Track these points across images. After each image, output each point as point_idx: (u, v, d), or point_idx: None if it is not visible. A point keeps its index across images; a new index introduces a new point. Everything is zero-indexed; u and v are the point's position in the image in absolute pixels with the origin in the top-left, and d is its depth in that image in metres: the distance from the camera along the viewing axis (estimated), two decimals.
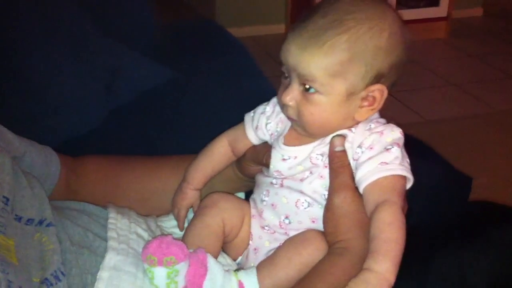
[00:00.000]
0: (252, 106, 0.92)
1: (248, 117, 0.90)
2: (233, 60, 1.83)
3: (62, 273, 0.71)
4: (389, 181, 0.72)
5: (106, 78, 1.48)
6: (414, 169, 0.75)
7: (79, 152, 1.05)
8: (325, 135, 0.78)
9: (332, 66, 0.73)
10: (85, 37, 1.52)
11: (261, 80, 1.74)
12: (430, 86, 3.25)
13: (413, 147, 0.78)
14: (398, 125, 0.78)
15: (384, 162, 0.73)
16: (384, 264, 0.65)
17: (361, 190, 0.74)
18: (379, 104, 0.77)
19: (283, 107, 0.79)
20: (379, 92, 0.76)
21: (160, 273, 0.70)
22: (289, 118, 0.80)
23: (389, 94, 0.78)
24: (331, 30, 0.73)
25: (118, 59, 1.54)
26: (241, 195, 0.97)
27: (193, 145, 0.98)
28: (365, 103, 0.76)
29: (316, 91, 0.75)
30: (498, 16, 4.34)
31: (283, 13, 3.94)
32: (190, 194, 0.91)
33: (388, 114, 0.81)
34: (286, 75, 0.77)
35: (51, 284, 0.69)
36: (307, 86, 0.75)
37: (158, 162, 1.02)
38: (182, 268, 0.71)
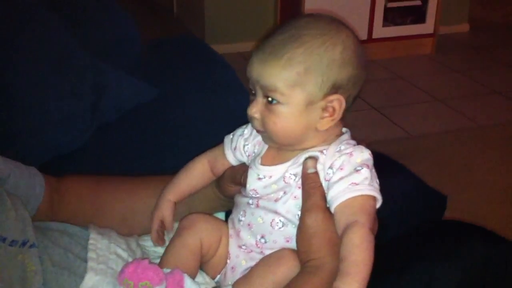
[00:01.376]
0: (236, 121, 0.95)
1: (227, 139, 0.94)
2: (217, 76, 1.86)
3: None
4: (359, 201, 0.76)
5: (91, 96, 1.50)
6: (385, 187, 0.78)
7: (65, 170, 1.06)
8: (292, 144, 0.83)
9: (290, 77, 0.78)
10: (70, 55, 1.54)
11: (245, 96, 1.77)
12: (416, 102, 3.28)
13: (385, 165, 0.81)
14: (384, 140, 0.81)
15: (354, 183, 0.76)
16: (353, 285, 0.68)
17: (332, 209, 0.77)
18: (338, 114, 0.81)
19: (250, 119, 0.83)
20: (338, 102, 0.80)
21: None
22: (257, 130, 0.84)
23: (375, 109, 0.81)
24: (289, 45, 0.78)
25: (103, 78, 1.56)
26: (221, 215, 1.00)
27: (177, 163, 1.00)
28: (326, 114, 0.80)
29: (278, 102, 0.79)
30: (484, 31, 4.40)
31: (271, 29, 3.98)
32: (162, 205, 0.94)
33: (374, 129, 0.84)
34: (253, 91, 0.82)
35: None
36: (270, 98, 0.79)
37: (140, 182, 1.04)
38: None
